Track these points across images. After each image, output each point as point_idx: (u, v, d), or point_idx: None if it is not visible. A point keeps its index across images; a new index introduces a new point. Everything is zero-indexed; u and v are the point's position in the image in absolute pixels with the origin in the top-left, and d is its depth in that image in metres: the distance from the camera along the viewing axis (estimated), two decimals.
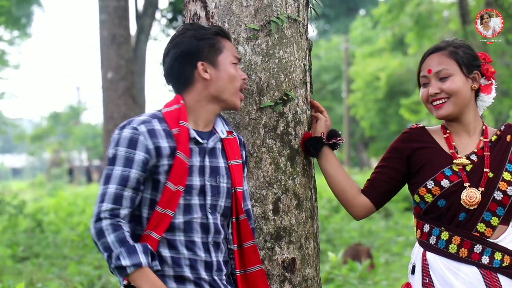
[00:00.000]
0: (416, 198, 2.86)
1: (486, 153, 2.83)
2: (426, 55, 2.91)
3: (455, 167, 2.81)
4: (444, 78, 2.83)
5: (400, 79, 27.47)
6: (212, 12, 3.01)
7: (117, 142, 2.50)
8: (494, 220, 2.77)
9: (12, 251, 10.36)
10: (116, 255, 2.40)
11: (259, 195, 2.96)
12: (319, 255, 3.16)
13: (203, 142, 2.61)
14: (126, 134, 2.50)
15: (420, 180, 2.84)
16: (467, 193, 2.76)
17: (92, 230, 2.45)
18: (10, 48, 28.66)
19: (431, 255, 2.82)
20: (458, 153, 2.85)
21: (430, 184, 2.80)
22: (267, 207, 2.97)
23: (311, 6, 3.22)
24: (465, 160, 2.81)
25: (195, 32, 2.63)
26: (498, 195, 2.77)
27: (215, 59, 2.63)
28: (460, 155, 2.84)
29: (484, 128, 2.90)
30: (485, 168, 2.79)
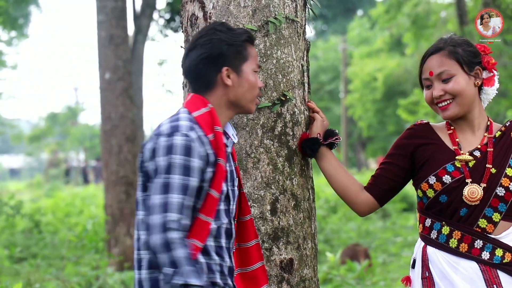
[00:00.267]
0: (419, 193, 2.87)
1: (490, 149, 2.83)
2: (426, 56, 2.90)
3: (457, 163, 2.81)
4: (446, 79, 2.83)
5: (398, 79, 27.45)
6: (210, 13, 3.00)
7: (169, 150, 2.41)
8: (496, 216, 2.77)
9: (10, 251, 10.34)
10: (186, 273, 2.34)
11: (257, 195, 2.96)
12: (317, 256, 3.16)
13: (229, 147, 2.60)
14: (180, 141, 2.41)
15: (423, 175, 2.85)
16: (469, 189, 2.77)
17: (157, 241, 2.35)
18: (7, 49, 28.60)
19: (431, 249, 2.83)
20: (461, 149, 2.85)
21: (432, 180, 2.81)
22: (265, 207, 2.97)
23: (308, 7, 3.22)
24: (467, 156, 2.82)
25: (226, 36, 2.56)
26: (501, 191, 2.77)
27: (239, 66, 2.58)
28: (463, 151, 2.84)
29: (489, 124, 2.90)
30: (487, 164, 2.80)
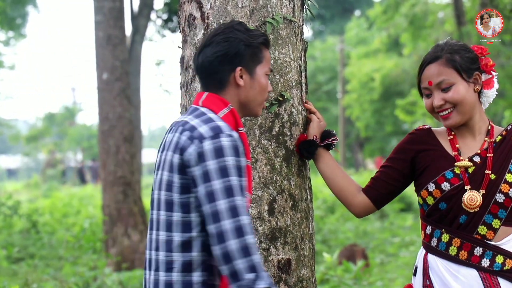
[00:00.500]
0: (420, 200, 2.85)
1: (489, 154, 2.79)
2: (424, 65, 2.85)
3: (457, 169, 2.78)
4: (446, 88, 2.79)
5: (395, 79, 27.46)
6: (208, 13, 3.00)
7: (219, 152, 2.37)
8: (496, 223, 2.73)
9: (7, 252, 10.33)
10: (265, 277, 2.31)
11: (254, 195, 2.96)
12: (315, 256, 3.16)
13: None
14: (227, 142, 2.38)
15: (423, 182, 2.82)
16: (468, 196, 2.73)
17: (234, 246, 2.31)
18: (5, 49, 28.62)
19: (432, 257, 2.81)
20: (461, 155, 2.82)
21: (431, 187, 2.78)
22: (263, 207, 2.97)
23: (306, 7, 3.22)
24: (466, 163, 2.78)
25: (244, 36, 2.55)
26: (500, 197, 2.73)
27: (253, 68, 2.58)
28: (463, 157, 2.80)
29: (489, 128, 2.86)
30: (486, 170, 2.76)
